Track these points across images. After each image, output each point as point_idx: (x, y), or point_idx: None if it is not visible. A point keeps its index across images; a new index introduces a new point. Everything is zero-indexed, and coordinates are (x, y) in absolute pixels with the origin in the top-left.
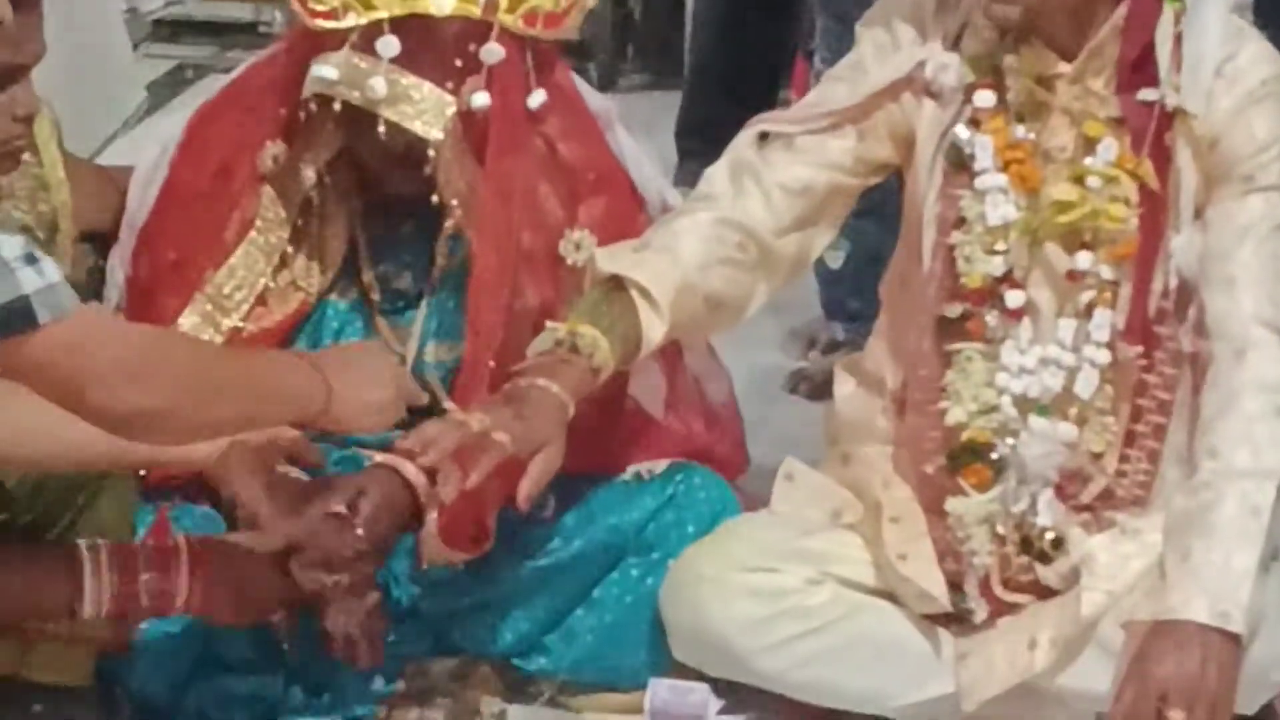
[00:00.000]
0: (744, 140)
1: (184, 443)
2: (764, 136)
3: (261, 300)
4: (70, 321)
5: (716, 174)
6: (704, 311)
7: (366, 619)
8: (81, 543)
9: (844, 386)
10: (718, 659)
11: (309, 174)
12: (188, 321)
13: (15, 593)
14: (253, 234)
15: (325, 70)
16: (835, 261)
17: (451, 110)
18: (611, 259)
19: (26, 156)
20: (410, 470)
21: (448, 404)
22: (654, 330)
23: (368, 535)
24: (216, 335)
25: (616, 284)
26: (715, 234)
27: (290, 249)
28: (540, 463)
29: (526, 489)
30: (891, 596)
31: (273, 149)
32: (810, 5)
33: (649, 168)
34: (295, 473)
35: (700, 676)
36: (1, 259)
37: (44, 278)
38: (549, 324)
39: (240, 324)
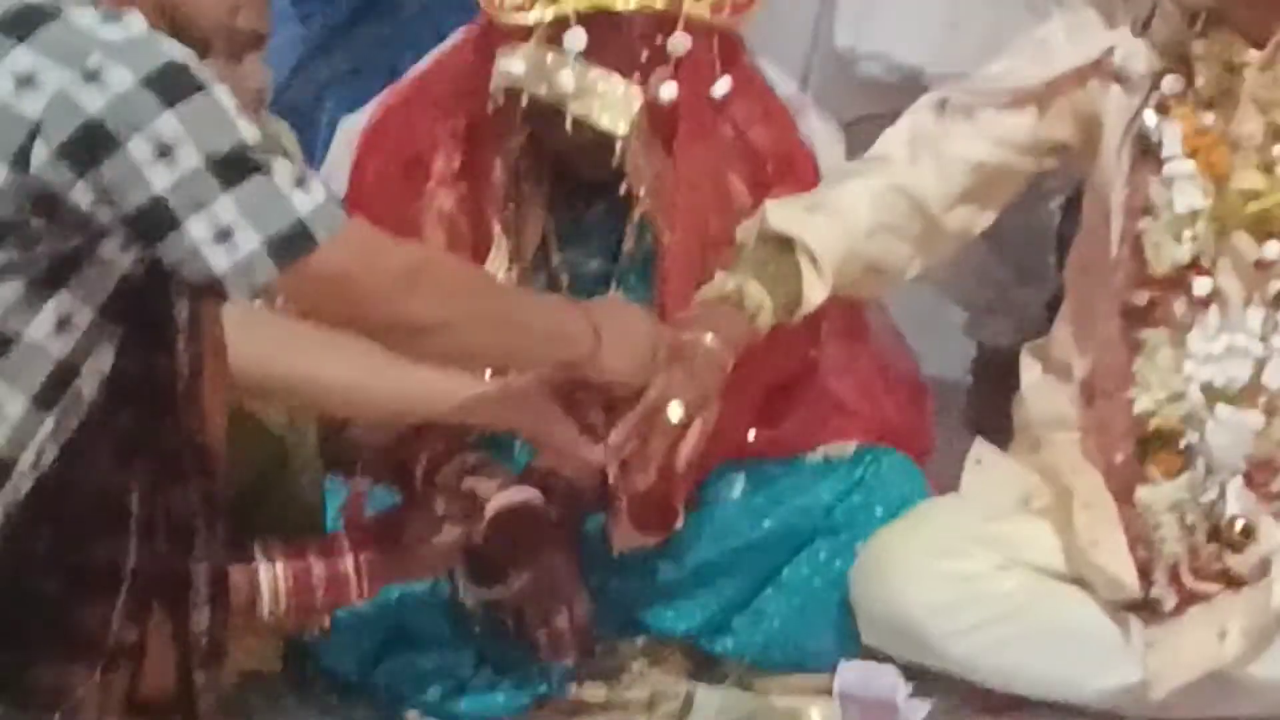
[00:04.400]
0: (924, 105)
1: (447, 366)
2: (944, 103)
3: None
4: (345, 235)
5: (894, 137)
6: (862, 277)
7: (575, 614)
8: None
9: (1031, 372)
10: (907, 643)
11: (501, 164)
12: None
13: None
14: (492, 253)
15: (512, 64)
16: None
17: (638, 104)
18: (783, 217)
19: None
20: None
21: None
22: (815, 294)
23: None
24: None
25: (784, 241)
26: (886, 200)
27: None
28: (701, 426)
29: (687, 454)
30: (1080, 583)
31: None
32: None
33: (838, 151)
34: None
35: (888, 660)
36: (275, 187)
37: (313, 196)
38: (718, 273)
39: None
